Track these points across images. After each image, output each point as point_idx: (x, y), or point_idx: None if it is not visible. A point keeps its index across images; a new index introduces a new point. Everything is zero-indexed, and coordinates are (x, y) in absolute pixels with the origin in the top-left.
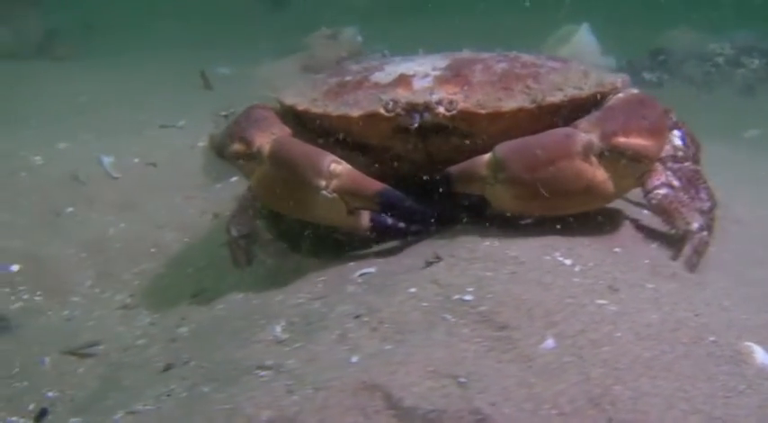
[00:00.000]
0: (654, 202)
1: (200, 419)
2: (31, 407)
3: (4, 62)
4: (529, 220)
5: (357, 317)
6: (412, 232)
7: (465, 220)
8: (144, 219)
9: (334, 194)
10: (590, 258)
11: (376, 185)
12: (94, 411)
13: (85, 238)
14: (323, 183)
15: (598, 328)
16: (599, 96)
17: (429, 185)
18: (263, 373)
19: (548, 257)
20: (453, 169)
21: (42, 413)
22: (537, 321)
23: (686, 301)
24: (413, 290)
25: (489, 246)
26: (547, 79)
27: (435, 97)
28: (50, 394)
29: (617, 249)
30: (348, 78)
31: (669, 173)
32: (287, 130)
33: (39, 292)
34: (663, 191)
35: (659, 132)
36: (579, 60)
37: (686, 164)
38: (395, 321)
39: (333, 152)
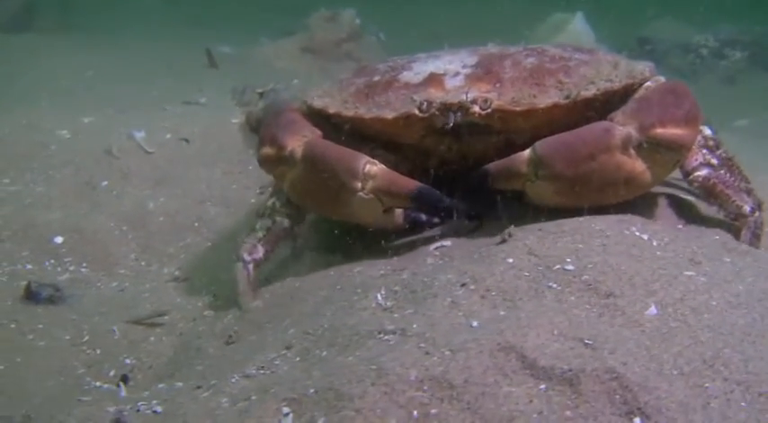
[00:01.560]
0: (696, 184)
1: (346, 378)
2: (112, 373)
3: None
4: None
5: (463, 285)
6: (442, 224)
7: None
8: (184, 193)
9: (371, 195)
10: (664, 234)
11: (411, 185)
12: (182, 377)
13: (125, 211)
14: (359, 184)
15: (695, 296)
16: (630, 87)
17: (460, 179)
18: (387, 336)
19: (627, 232)
20: (492, 167)
21: (124, 379)
22: (638, 290)
23: (765, 274)
24: (510, 260)
25: (576, 220)
26: (577, 73)
27: (470, 97)
28: (128, 361)
29: (680, 226)
30: (376, 78)
31: (705, 151)
32: (317, 132)
33: (84, 264)
34: (703, 172)
35: (694, 120)
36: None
37: (719, 151)
38: (501, 289)
39: (364, 152)
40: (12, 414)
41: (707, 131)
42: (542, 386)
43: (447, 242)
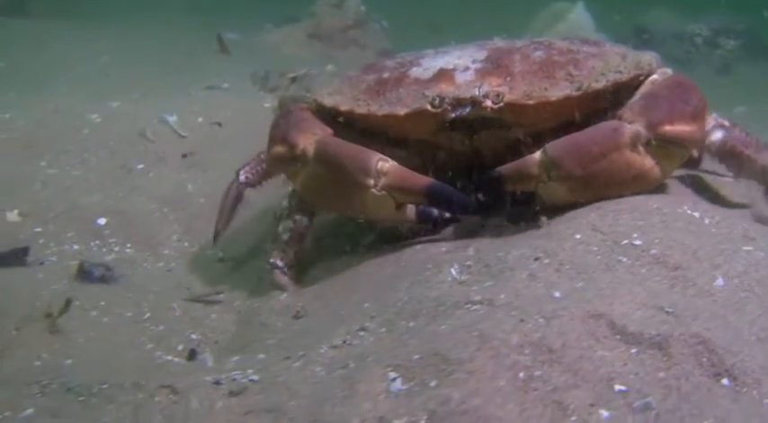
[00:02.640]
0: (714, 149)
1: (450, 344)
2: (180, 347)
3: None
4: None
5: (536, 259)
6: (456, 220)
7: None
8: (221, 176)
9: (383, 192)
10: (713, 212)
11: (423, 181)
12: (256, 350)
13: (164, 193)
14: (371, 182)
15: (757, 269)
16: (637, 77)
17: (472, 176)
18: (474, 307)
19: (680, 210)
20: (504, 169)
21: (192, 353)
22: (704, 263)
23: None
24: (578, 236)
25: (632, 199)
26: (586, 65)
27: (482, 91)
28: (193, 336)
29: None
30: (386, 75)
31: (716, 114)
32: (328, 130)
33: (128, 245)
34: (719, 134)
35: (702, 115)
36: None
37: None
38: (574, 263)
39: (374, 148)
40: (121, 381)
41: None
42: (633, 350)
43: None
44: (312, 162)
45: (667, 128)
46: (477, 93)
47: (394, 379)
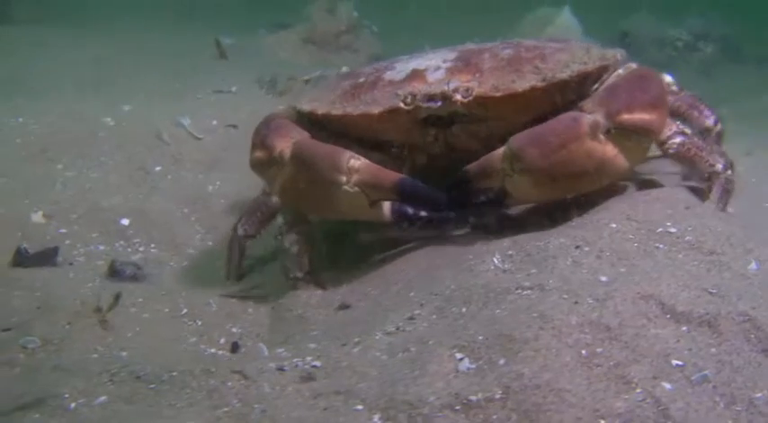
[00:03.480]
0: (672, 151)
1: (514, 325)
2: (222, 340)
3: None
4: None
5: (577, 247)
6: (435, 220)
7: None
8: (240, 178)
9: (356, 188)
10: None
11: (393, 176)
12: (301, 341)
13: (184, 194)
14: (343, 178)
15: None
16: (603, 69)
17: (447, 178)
18: (525, 292)
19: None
20: (471, 167)
21: (235, 346)
22: (737, 248)
23: None
24: (614, 225)
25: (659, 190)
26: (553, 58)
27: (452, 86)
28: (234, 330)
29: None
30: (361, 80)
31: (678, 122)
32: (305, 134)
33: (153, 245)
34: (678, 139)
35: (661, 104)
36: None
37: (682, 93)
38: (614, 250)
39: (353, 151)
40: (190, 368)
41: (668, 78)
42: (684, 328)
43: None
44: (289, 163)
45: (625, 116)
46: (446, 88)
47: (461, 359)
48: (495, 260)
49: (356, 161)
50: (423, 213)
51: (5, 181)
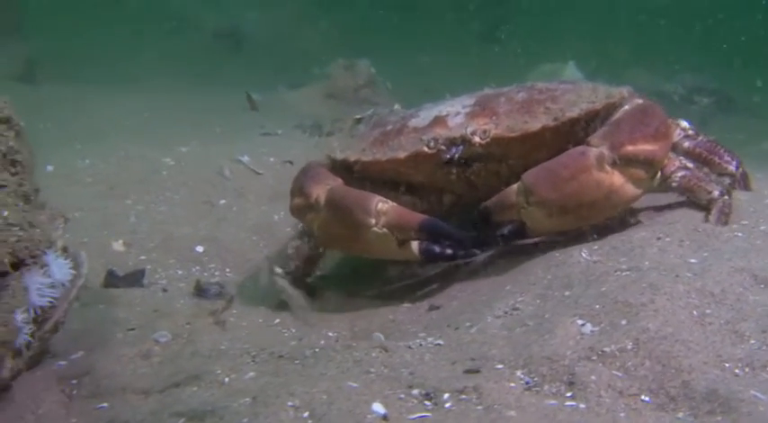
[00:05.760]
0: (675, 184)
1: (628, 294)
2: (322, 342)
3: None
4: None
5: (659, 238)
6: (460, 257)
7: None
8: None
9: (384, 229)
10: None
11: (418, 217)
12: (402, 337)
13: (251, 224)
14: (372, 221)
15: None
16: (611, 106)
17: (471, 216)
18: (625, 273)
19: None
20: (489, 202)
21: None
22: None
23: None
24: (688, 220)
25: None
26: (563, 99)
27: (470, 129)
28: (330, 334)
29: None
30: (389, 128)
31: (682, 158)
32: (339, 181)
33: (227, 269)
34: (681, 173)
35: (663, 135)
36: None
37: (700, 138)
38: (692, 239)
39: (384, 195)
40: (331, 345)
41: (683, 123)
42: None
43: None
44: (324, 208)
45: (629, 148)
46: (466, 131)
47: (583, 324)
48: (583, 253)
49: (384, 204)
50: (449, 251)
51: (83, 214)
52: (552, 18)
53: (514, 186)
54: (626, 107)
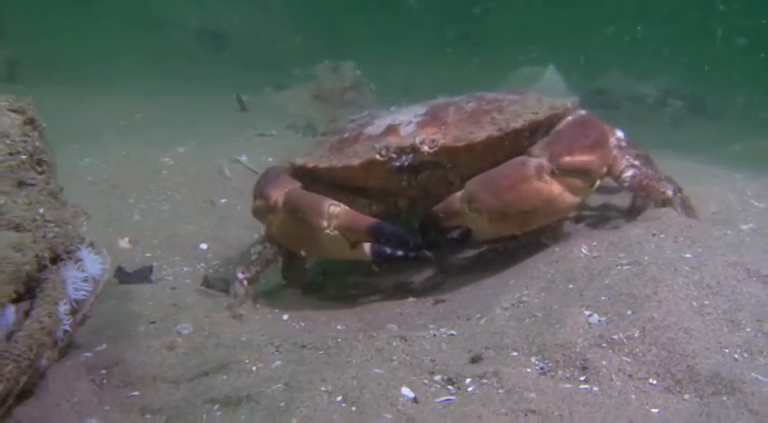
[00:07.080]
0: (626, 184)
1: (631, 286)
2: (332, 334)
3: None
4: None
5: (654, 235)
6: (411, 258)
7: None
8: None
9: (336, 232)
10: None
11: (367, 220)
12: (416, 328)
13: (254, 223)
14: (325, 223)
15: None
16: (554, 117)
17: (421, 221)
18: (626, 267)
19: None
20: (437, 208)
21: None
22: None
23: None
24: (681, 219)
25: (710, 189)
26: (509, 110)
27: (419, 139)
28: (339, 327)
29: None
30: (346, 135)
31: (629, 157)
32: (297, 184)
33: (231, 266)
34: (630, 172)
35: (600, 146)
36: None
37: (633, 150)
38: (687, 236)
39: (338, 198)
40: (353, 336)
41: (619, 134)
42: None
43: None
44: (281, 210)
45: (567, 158)
46: (415, 140)
47: (590, 315)
48: (583, 249)
49: (336, 208)
50: (399, 253)
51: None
52: (532, 21)
53: (459, 193)
54: (569, 118)
